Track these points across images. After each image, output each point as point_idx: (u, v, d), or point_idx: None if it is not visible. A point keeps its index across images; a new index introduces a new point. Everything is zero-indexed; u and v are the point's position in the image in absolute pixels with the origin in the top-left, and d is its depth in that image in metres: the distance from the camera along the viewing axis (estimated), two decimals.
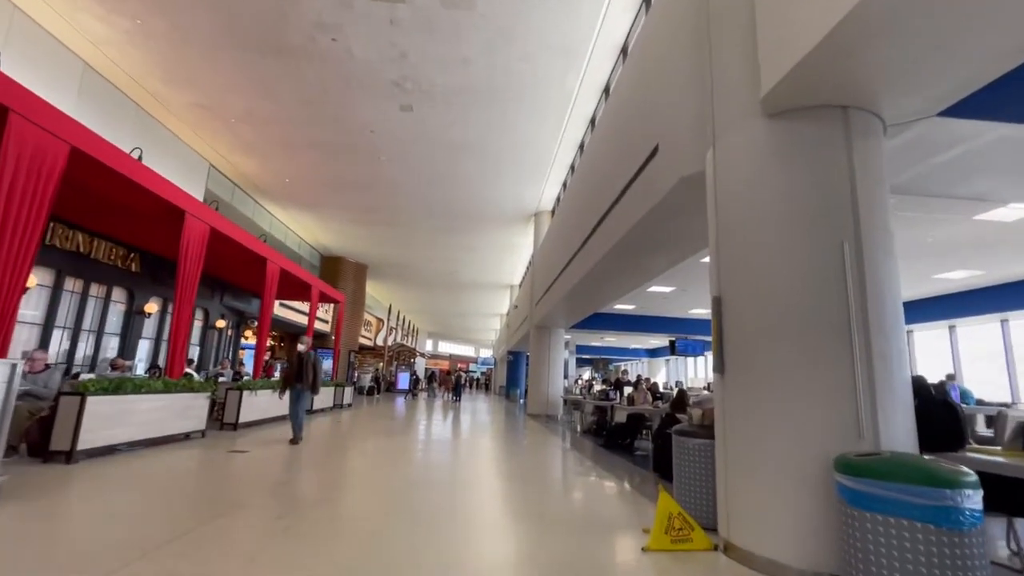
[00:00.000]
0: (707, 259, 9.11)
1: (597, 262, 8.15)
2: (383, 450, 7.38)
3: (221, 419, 8.20)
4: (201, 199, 12.21)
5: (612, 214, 6.99)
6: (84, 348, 9.05)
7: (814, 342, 2.95)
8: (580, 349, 29.22)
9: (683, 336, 16.46)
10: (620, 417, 9.11)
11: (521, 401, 25.25)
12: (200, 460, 5.66)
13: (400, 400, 22.35)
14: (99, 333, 9.33)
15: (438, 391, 27.57)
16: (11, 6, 7.66)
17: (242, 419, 8.21)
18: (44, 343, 8.08)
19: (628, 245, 6.85)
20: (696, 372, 26.41)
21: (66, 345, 8.68)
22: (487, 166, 12.95)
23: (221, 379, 9.87)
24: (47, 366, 5.57)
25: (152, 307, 10.26)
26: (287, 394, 7.36)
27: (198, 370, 11.45)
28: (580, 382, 18.41)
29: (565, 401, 15.83)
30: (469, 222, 17.30)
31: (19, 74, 5.68)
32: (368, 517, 3.83)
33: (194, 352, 12.47)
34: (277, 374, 14.76)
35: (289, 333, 22.11)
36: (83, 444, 4.95)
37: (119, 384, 5.40)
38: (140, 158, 7.73)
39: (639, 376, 9.35)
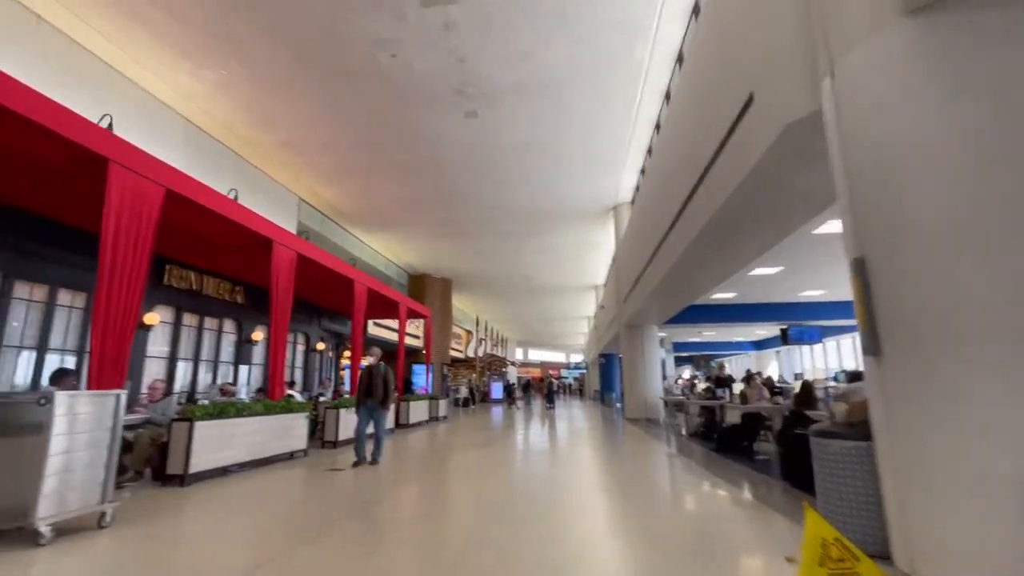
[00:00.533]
0: (821, 230, 7.93)
1: (688, 246, 7.35)
2: (478, 463, 7.13)
3: (323, 438, 8.46)
4: (294, 231, 13.05)
5: (702, 188, 6.22)
6: (203, 377, 9.87)
7: None
8: (677, 347, 27.56)
9: (795, 323, 14.71)
10: (732, 417, 8.13)
11: (617, 405, 24.21)
12: (298, 480, 5.74)
13: (496, 410, 22.36)
14: (215, 362, 10.15)
15: (533, 399, 27.26)
16: (117, 75, 8.60)
17: (341, 436, 8.41)
18: (170, 374, 8.89)
19: (723, 221, 6.03)
20: (813, 362, 23.67)
21: (189, 375, 9.52)
22: (558, 163, 12.50)
23: (322, 399, 10.31)
24: (165, 395, 5.98)
25: (258, 335, 11.01)
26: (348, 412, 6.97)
27: (303, 391, 12.12)
28: (680, 381, 17.17)
29: (665, 403, 14.78)
30: (545, 224, 16.91)
31: (131, 136, 6.26)
32: (455, 540, 3.50)
33: (298, 375, 13.26)
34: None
35: (386, 351, 23.12)
36: (195, 467, 5.19)
37: (223, 408, 5.65)
38: (236, 198, 8.30)
39: (749, 371, 8.32)
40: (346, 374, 18.89)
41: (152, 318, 8.13)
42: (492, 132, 10.95)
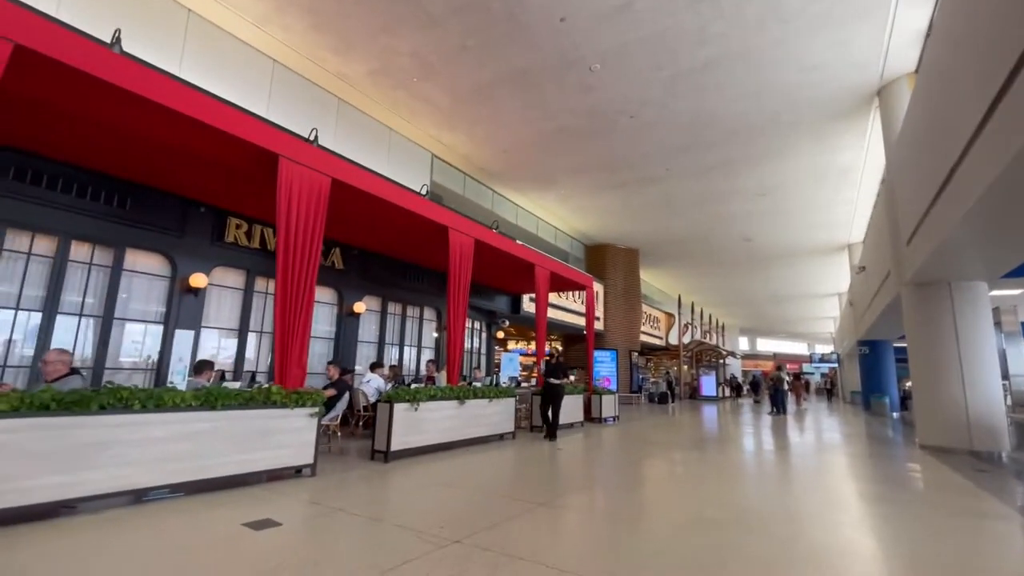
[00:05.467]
0: None
1: None
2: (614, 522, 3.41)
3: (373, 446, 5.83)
4: (423, 191, 11.09)
5: None
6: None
7: None
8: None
9: None
10: None
11: (894, 415, 16.34)
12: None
13: (706, 410, 17.21)
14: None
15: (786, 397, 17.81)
16: (185, 11, 7.49)
17: (397, 446, 5.64)
18: (240, 352, 7.49)
19: None
20: None
21: (263, 352, 8.09)
22: (763, 19, 7.45)
23: (415, 385, 7.81)
24: (73, 371, 4.01)
25: (360, 307, 9.19)
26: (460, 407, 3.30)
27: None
28: None
29: (1012, 422, 8.07)
30: (762, 144, 11.39)
31: (213, 85, 4.69)
32: None
33: (432, 355, 11.28)
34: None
35: (564, 335, 20.22)
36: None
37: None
38: (315, 140, 6.35)
39: None
40: (503, 358, 16.69)
41: (199, 280, 6.70)
42: None
